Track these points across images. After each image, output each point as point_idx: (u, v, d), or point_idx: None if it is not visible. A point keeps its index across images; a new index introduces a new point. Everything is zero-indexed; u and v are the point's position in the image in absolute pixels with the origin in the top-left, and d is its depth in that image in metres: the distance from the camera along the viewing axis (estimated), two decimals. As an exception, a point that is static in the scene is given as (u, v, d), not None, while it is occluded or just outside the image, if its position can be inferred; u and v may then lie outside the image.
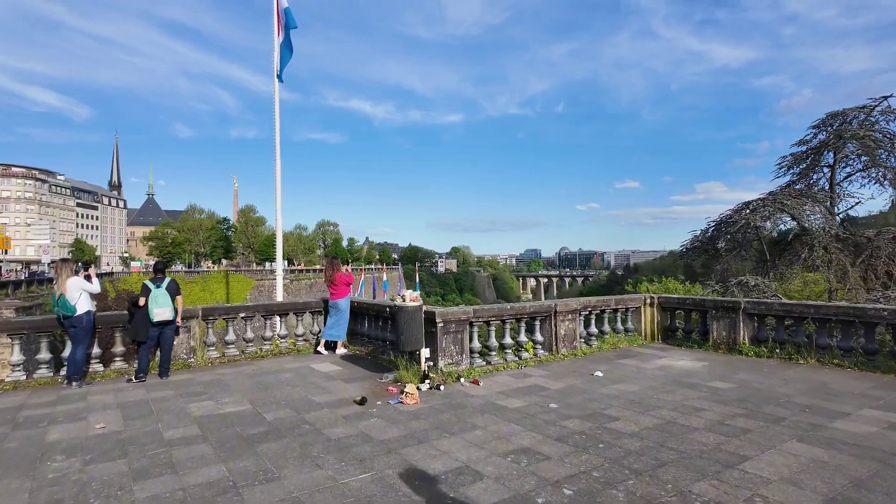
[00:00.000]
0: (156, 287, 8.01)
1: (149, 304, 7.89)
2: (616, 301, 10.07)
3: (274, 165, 18.12)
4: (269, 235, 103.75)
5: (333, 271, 9.70)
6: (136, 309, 8.06)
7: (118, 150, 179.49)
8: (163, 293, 7.99)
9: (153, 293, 7.94)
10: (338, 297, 9.64)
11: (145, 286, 8.08)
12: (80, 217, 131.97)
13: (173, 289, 8.19)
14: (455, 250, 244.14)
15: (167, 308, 8.00)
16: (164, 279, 8.20)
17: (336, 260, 9.93)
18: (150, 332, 8.01)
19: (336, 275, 9.64)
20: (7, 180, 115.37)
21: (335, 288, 9.66)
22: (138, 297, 8.04)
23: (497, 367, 8.01)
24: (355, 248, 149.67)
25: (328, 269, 9.83)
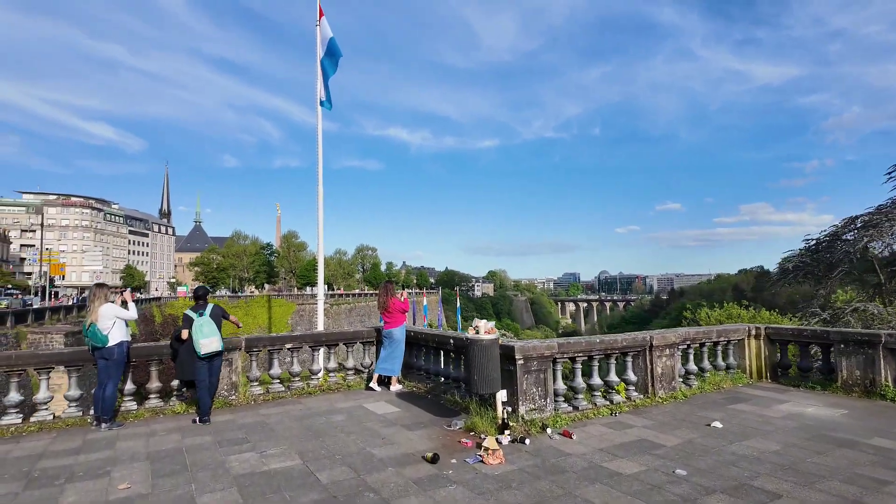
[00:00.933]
0: (198, 316, 7.14)
1: (193, 336, 7.02)
2: (717, 333, 8.58)
3: (316, 192, 18.11)
4: (310, 260, 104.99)
5: (388, 297, 8.67)
6: (179, 344, 7.21)
7: (168, 180, 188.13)
8: (207, 321, 7.11)
9: (196, 323, 7.07)
10: (392, 325, 8.59)
11: (187, 316, 7.22)
12: (131, 244, 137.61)
13: (218, 315, 7.33)
14: (491, 274, 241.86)
15: (214, 337, 7.11)
16: (207, 306, 7.34)
17: (391, 284, 8.89)
18: (199, 368, 7.11)
19: (391, 301, 8.61)
20: (66, 210, 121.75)
21: (389, 315, 8.62)
22: (181, 331, 7.20)
23: (586, 413, 6.69)
24: (393, 272, 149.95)
25: (382, 294, 8.79)
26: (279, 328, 78.55)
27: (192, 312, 7.22)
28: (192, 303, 7.57)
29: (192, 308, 7.33)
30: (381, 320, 8.82)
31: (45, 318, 33.23)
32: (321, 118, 23.45)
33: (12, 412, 6.76)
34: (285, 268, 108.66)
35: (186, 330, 7.11)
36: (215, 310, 7.37)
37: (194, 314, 7.17)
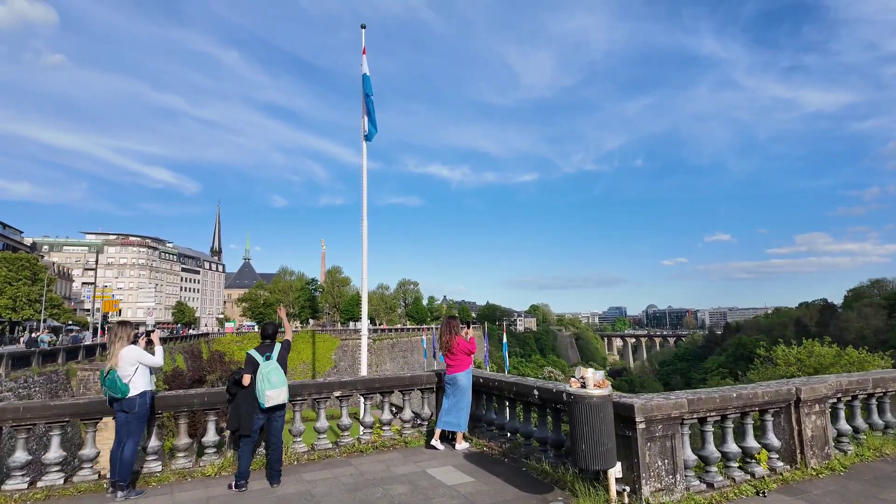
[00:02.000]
0: (265, 359, 5.98)
1: (257, 385, 5.86)
2: (874, 382, 6.75)
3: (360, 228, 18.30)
4: (353, 295, 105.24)
5: (451, 335, 7.33)
6: (238, 388, 6.06)
7: (220, 220, 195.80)
8: (276, 368, 5.94)
9: (263, 369, 5.90)
10: (457, 369, 7.24)
11: (251, 358, 6.07)
12: (183, 280, 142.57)
13: (285, 358, 6.18)
14: (534, 308, 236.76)
15: (282, 388, 5.93)
16: (275, 346, 6.17)
17: (455, 321, 7.53)
18: (256, 421, 5.96)
19: (455, 340, 7.29)
20: (125, 248, 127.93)
21: (454, 358, 7.27)
22: (241, 374, 6.06)
23: (724, 492, 5.04)
24: (435, 307, 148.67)
25: (445, 332, 7.48)
26: (323, 363, 78.07)
27: (257, 354, 6.06)
28: (238, 338, 6.46)
29: (257, 348, 6.18)
30: (442, 360, 7.49)
31: (95, 354, 33.55)
32: (366, 151, 23.86)
33: (17, 475, 5.70)
34: (329, 303, 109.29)
35: (249, 375, 5.97)
36: (283, 352, 6.19)
37: (260, 357, 6.02)
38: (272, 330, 6.40)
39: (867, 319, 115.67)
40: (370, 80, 22.09)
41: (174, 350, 57.19)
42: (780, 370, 28.48)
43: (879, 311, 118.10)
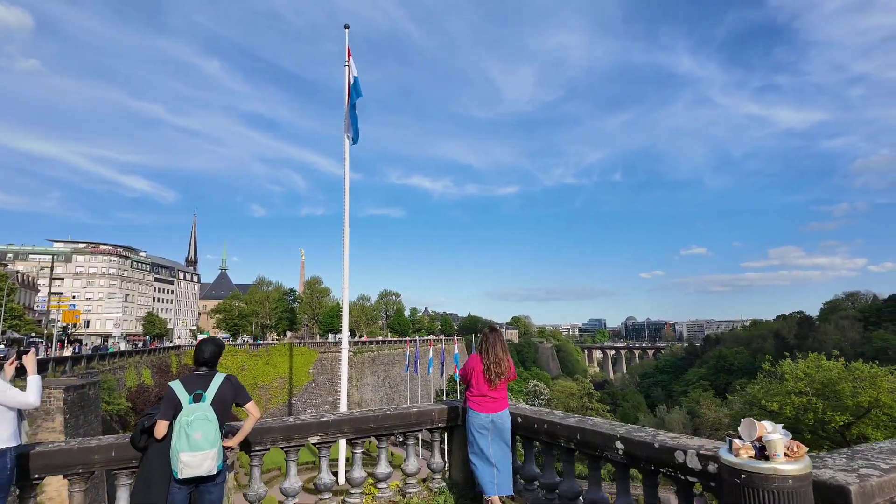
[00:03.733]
0: (190, 399, 3.82)
1: (173, 439, 3.72)
2: None
3: (342, 238, 16.92)
4: (333, 306, 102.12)
5: (507, 356, 5.14)
6: (148, 439, 3.91)
7: (196, 229, 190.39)
8: (205, 418, 3.76)
9: (184, 414, 3.75)
10: (503, 404, 5.06)
11: (170, 394, 3.89)
12: (156, 291, 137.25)
13: (227, 401, 3.97)
14: (515, 320, 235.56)
15: (208, 452, 3.70)
16: (213, 380, 3.99)
17: (498, 335, 5.25)
18: (174, 494, 3.76)
19: (510, 364, 5.18)
20: (95, 257, 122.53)
21: (499, 390, 5.05)
22: (153, 418, 3.91)
23: None
24: (417, 318, 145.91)
25: (494, 351, 5.06)
26: (300, 377, 74.85)
27: (181, 390, 3.88)
28: None
29: (184, 380, 3.99)
30: (473, 396, 5.18)
31: (47, 370, 30.52)
32: (348, 151, 23.64)
33: None
34: (308, 314, 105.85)
35: (164, 423, 3.82)
36: (224, 390, 3.97)
37: (185, 395, 3.85)
38: (211, 352, 4.17)
39: (844, 332, 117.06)
40: (359, 81, 21.69)
41: (141, 364, 53.70)
42: (788, 385, 27.08)
43: (855, 323, 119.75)
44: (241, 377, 72.13)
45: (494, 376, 5.01)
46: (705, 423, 60.95)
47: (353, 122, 21.98)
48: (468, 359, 5.24)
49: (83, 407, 28.35)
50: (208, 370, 4.12)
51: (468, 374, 5.13)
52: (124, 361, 47.93)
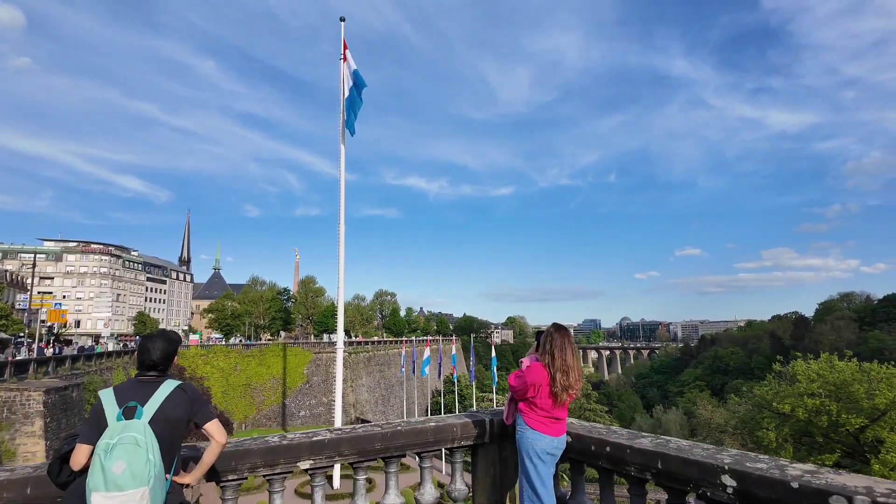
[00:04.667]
0: (119, 416, 2.69)
1: (89, 474, 2.57)
2: None
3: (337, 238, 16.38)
4: (328, 306, 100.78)
5: (569, 361, 3.90)
6: (65, 470, 2.79)
7: (189, 228, 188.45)
8: (133, 438, 2.61)
9: (108, 433, 2.62)
10: (559, 428, 3.93)
11: (97, 408, 2.75)
12: (149, 291, 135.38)
13: (179, 420, 2.87)
14: (511, 320, 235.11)
15: (135, 489, 2.52)
16: (159, 390, 2.86)
17: (568, 337, 3.98)
18: None
19: (580, 374, 3.98)
20: (86, 257, 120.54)
21: (561, 409, 3.94)
22: (72, 443, 2.77)
23: None
24: (413, 319, 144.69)
25: (562, 355, 3.88)
26: (294, 378, 73.52)
27: (110, 399, 2.77)
28: (208, 353, 3.12)
29: (120, 387, 2.87)
30: (524, 408, 4.02)
31: (28, 371, 29.11)
32: (344, 149, 23.31)
33: None
34: (302, 314, 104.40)
35: (86, 448, 2.69)
36: (173, 404, 2.86)
37: (114, 408, 2.73)
38: (162, 351, 3.04)
39: (840, 332, 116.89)
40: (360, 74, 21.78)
41: (130, 365, 52.27)
42: (800, 387, 26.14)
43: (851, 323, 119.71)
44: (234, 378, 70.69)
45: (562, 390, 3.82)
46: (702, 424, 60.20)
47: (352, 114, 21.71)
48: (526, 368, 4.00)
49: (66, 410, 27.02)
50: (156, 375, 3.00)
51: (529, 388, 3.89)
52: (112, 362, 46.48)
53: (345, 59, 22.63)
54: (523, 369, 4.01)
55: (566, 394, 3.84)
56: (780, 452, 26.55)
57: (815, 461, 25.40)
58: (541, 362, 3.93)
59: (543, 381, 3.84)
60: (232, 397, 69.53)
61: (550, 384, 3.82)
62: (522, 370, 4.01)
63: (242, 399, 70.44)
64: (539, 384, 3.84)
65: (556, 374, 3.81)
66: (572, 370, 3.84)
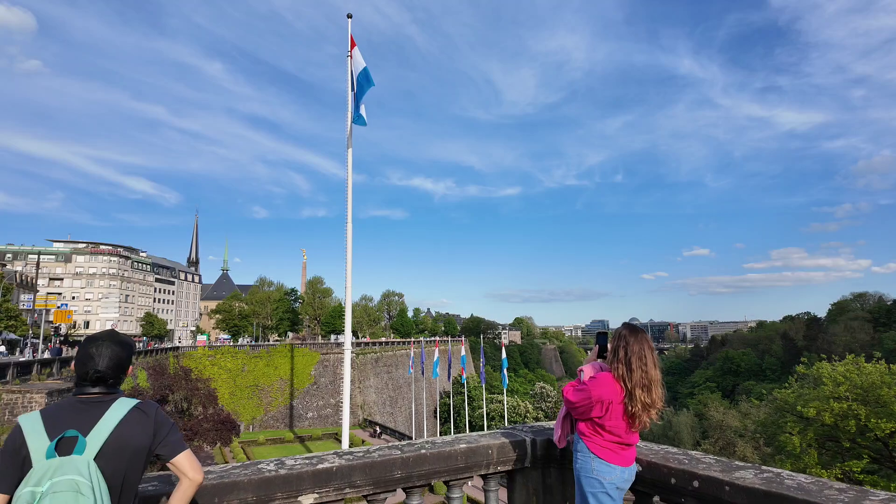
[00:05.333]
0: (50, 451, 1.88)
1: None
2: None
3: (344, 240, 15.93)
4: (335, 307, 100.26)
5: (650, 372, 3.01)
6: None
7: (198, 230, 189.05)
8: (74, 483, 1.83)
9: (34, 475, 1.83)
10: (629, 456, 3.10)
11: (15, 439, 1.93)
12: (157, 292, 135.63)
13: (138, 443, 2.08)
14: (518, 321, 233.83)
15: None
16: (111, 411, 2.07)
17: (647, 341, 3.10)
18: None
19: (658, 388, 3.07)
20: (95, 257, 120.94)
21: (629, 432, 3.06)
22: None
23: None
24: (420, 319, 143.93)
25: (632, 362, 3.01)
26: (301, 380, 73.00)
27: (37, 427, 1.95)
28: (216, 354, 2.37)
29: (49, 412, 2.03)
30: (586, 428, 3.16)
31: (31, 372, 28.65)
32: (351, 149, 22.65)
33: None
34: (310, 315, 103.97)
35: (2, 498, 1.87)
36: (127, 430, 2.07)
37: (43, 439, 1.92)
38: (111, 358, 2.24)
39: (854, 333, 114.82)
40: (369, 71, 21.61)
41: (136, 366, 51.87)
42: (827, 390, 25.04)
43: (865, 324, 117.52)
44: (242, 379, 70.28)
45: (642, 409, 2.97)
46: (714, 427, 59.00)
47: (357, 107, 21.54)
48: (590, 380, 3.13)
49: (69, 412, 26.46)
50: (104, 393, 2.22)
51: (594, 406, 3.02)
52: (118, 363, 45.97)
53: (352, 56, 22.38)
54: (585, 380, 3.15)
55: (646, 414, 3.00)
56: (804, 458, 25.50)
57: (843, 468, 24.35)
58: (611, 373, 3.08)
59: (615, 398, 2.99)
60: (239, 398, 69.10)
61: (626, 402, 2.98)
62: (585, 382, 3.15)
63: (250, 400, 69.99)
64: (609, 401, 2.99)
65: (635, 390, 2.96)
66: (655, 385, 3.00)
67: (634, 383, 2.97)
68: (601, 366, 3.20)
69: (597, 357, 3.31)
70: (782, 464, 25.99)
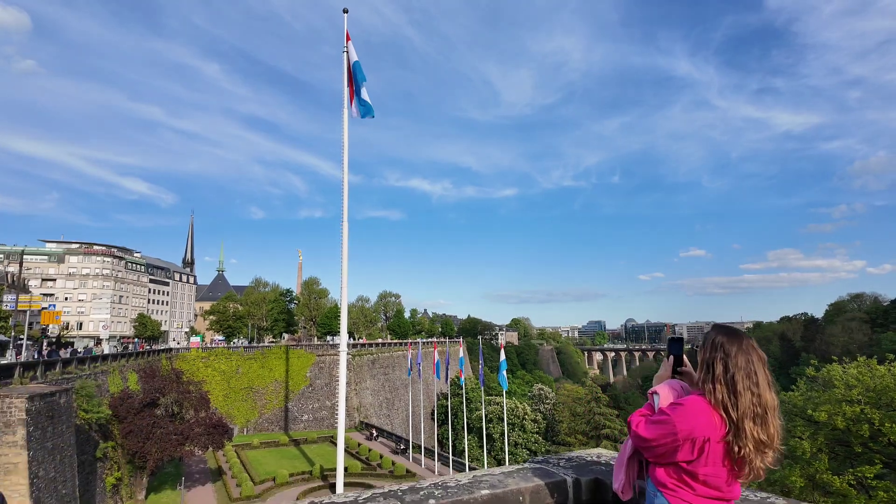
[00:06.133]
0: None
1: None
2: None
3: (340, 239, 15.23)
4: (331, 308, 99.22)
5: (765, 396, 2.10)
6: None
7: (193, 230, 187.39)
8: None
9: None
10: None
11: None
12: (151, 293, 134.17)
13: None
14: (515, 322, 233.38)
15: None
16: None
17: (756, 352, 2.13)
18: None
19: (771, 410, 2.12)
20: (88, 258, 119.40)
21: (732, 482, 2.12)
22: None
23: None
24: (417, 320, 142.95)
25: (738, 381, 2.09)
26: (297, 381, 71.99)
27: None
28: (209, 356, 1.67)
29: None
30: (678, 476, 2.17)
31: (13, 375, 27.56)
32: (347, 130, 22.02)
33: None
34: (305, 316, 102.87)
35: None
36: None
37: None
38: None
39: (851, 334, 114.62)
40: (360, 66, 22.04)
41: (127, 368, 50.75)
42: (839, 393, 24.27)
43: (862, 325, 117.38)
44: (236, 381, 69.19)
45: (754, 451, 2.06)
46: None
47: (360, 103, 22.12)
48: (673, 406, 2.19)
49: (52, 417, 25.41)
50: None
51: (682, 444, 2.10)
52: (108, 365, 44.93)
53: (347, 50, 22.63)
54: (665, 408, 2.21)
55: (760, 458, 2.08)
56: (815, 463, 24.71)
57: (856, 473, 23.56)
58: (704, 396, 2.17)
59: (713, 434, 2.08)
60: (233, 401, 68.00)
61: (730, 440, 2.07)
62: (664, 409, 2.21)
63: (244, 403, 68.89)
64: (704, 439, 2.08)
65: (744, 423, 2.06)
66: (772, 414, 2.11)
67: (742, 412, 2.06)
68: (682, 386, 2.29)
69: (671, 372, 2.40)
70: (791, 469, 25.22)
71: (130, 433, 37.09)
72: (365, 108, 21.42)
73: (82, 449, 32.66)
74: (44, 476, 23.89)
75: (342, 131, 22.34)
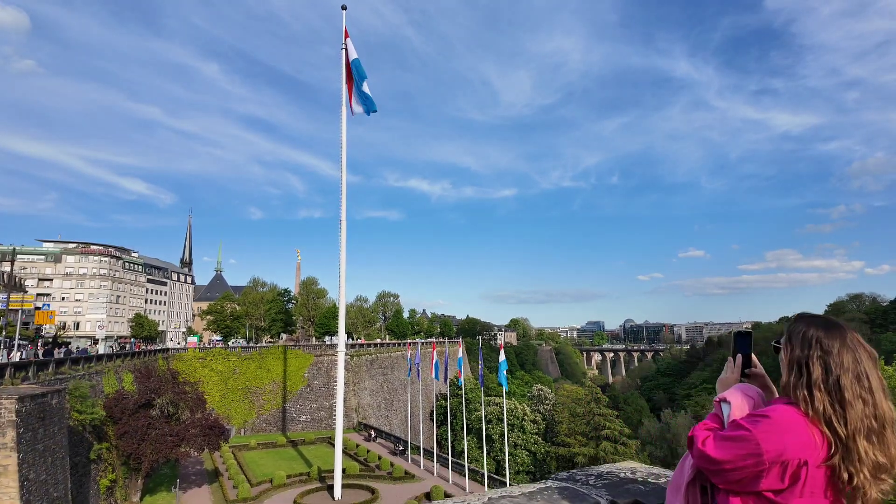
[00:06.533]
0: None
1: None
2: None
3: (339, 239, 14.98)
4: (329, 308, 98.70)
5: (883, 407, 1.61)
6: None
7: (191, 230, 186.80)
8: None
9: None
10: None
11: None
12: (149, 293, 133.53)
13: None
14: (514, 322, 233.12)
15: None
16: None
17: (864, 348, 1.67)
18: None
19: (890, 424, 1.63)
20: (85, 258, 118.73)
21: None
22: None
23: None
24: (416, 320, 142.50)
25: (845, 388, 1.62)
26: (295, 382, 71.46)
27: None
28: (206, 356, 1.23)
29: None
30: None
31: (4, 375, 27.03)
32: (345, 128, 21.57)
33: None
34: (303, 315, 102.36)
35: None
36: None
37: None
38: None
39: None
40: (360, 63, 21.84)
41: (123, 368, 50.20)
42: (846, 394, 23.94)
43: (862, 325, 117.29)
44: (233, 381, 68.64)
45: (870, 478, 1.56)
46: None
47: (362, 99, 22.01)
48: (752, 419, 1.66)
49: (43, 419, 24.91)
50: None
51: (771, 469, 1.57)
52: (103, 366, 44.38)
53: (346, 48, 22.51)
54: (742, 420, 1.70)
55: (876, 487, 1.58)
56: None
57: None
58: (795, 405, 1.68)
59: (812, 455, 1.58)
60: (231, 401, 67.47)
61: (838, 462, 1.59)
62: (743, 423, 1.67)
63: (241, 403, 68.36)
64: (799, 462, 1.58)
65: (856, 441, 1.58)
66: (891, 427, 1.62)
67: (853, 428, 1.58)
68: (758, 393, 1.82)
69: (740, 375, 1.93)
70: None
71: (125, 434, 36.57)
72: (367, 102, 21.53)
73: (75, 451, 32.15)
74: (34, 479, 23.39)
75: (341, 131, 22.35)
